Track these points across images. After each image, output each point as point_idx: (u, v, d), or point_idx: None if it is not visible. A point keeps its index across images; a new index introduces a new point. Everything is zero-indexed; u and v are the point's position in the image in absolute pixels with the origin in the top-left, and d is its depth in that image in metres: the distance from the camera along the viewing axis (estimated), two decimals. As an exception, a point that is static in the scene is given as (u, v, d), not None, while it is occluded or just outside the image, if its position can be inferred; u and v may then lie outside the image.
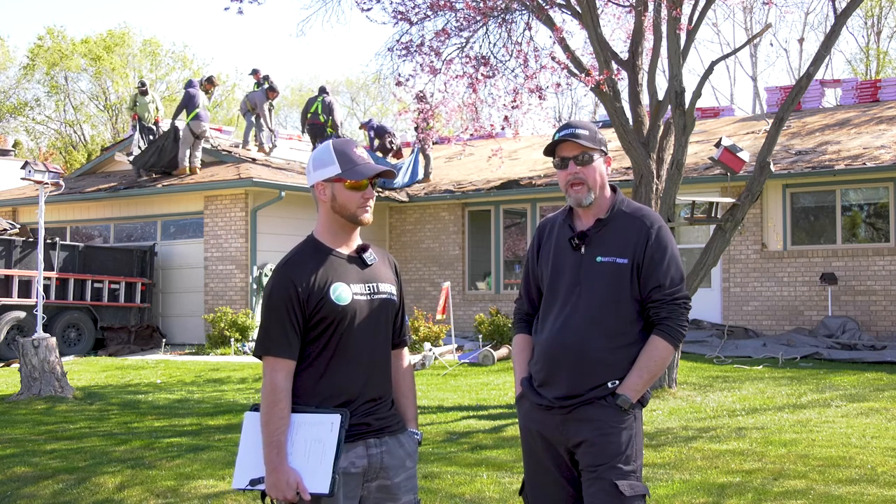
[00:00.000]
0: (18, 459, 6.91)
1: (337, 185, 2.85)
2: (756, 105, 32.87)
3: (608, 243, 3.14)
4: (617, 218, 3.17)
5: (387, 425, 2.88)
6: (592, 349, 3.07)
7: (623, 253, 3.11)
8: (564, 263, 3.20)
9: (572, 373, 3.09)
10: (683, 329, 3.11)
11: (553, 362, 3.14)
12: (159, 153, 17.48)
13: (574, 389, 3.08)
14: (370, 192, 2.88)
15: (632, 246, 3.11)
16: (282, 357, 2.75)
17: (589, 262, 3.14)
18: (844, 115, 18.60)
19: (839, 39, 13.86)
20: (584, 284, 3.13)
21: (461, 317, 17.40)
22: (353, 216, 2.87)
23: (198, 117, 16.79)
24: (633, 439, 3.07)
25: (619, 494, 2.97)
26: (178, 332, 17.11)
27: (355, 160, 2.86)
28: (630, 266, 3.10)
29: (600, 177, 3.17)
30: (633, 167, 10.04)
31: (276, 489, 2.70)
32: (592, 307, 3.09)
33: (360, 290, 2.86)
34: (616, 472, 3.00)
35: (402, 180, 18.94)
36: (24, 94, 38.85)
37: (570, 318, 3.12)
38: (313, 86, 45.67)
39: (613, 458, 3.01)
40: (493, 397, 9.83)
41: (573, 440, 3.08)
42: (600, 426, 3.04)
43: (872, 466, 6.10)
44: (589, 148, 3.14)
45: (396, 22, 10.68)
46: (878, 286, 14.52)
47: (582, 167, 3.14)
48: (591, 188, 3.15)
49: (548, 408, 3.12)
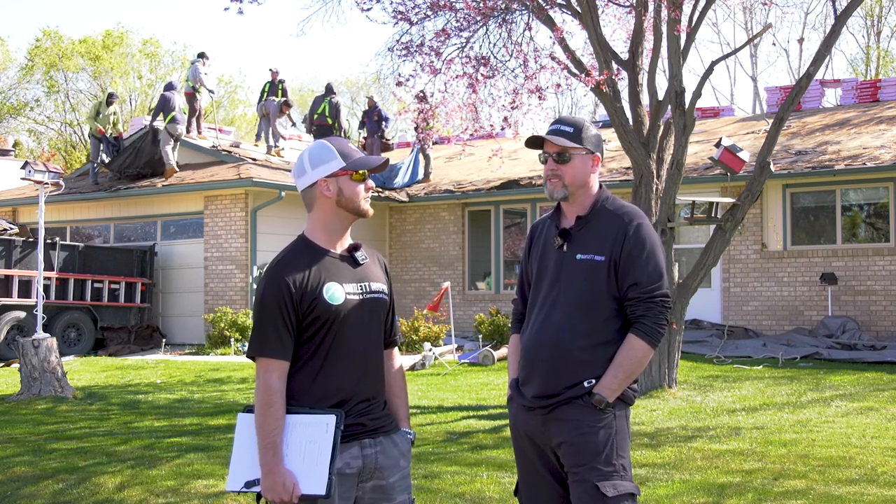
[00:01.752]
0: (19, 459, 6.91)
1: (342, 179, 2.86)
2: (756, 105, 32.88)
3: (588, 241, 3.14)
4: (598, 215, 3.17)
5: (381, 425, 2.88)
6: (568, 347, 3.07)
7: (601, 250, 3.10)
8: (549, 262, 3.21)
9: (548, 371, 3.10)
10: (661, 327, 3.07)
11: (532, 360, 3.16)
12: (136, 154, 17.61)
13: (549, 388, 3.09)
14: (370, 182, 2.92)
15: (609, 243, 3.10)
16: (275, 358, 2.74)
17: (569, 260, 3.15)
18: (844, 115, 18.60)
19: (839, 39, 13.87)
20: (563, 282, 3.13)
21: (461, 317, 17.39)
22: (358, 208, 2.88)
23: (174, 120, 16.96)
24: (614, 438, 3.04)
25: (601, 496, 2.96)
26: (178, 332, 17.11)
27: (354, 154, 2.89)
28: (607, 264, 3.08)
29: (581, 174, 3.17)
30: (633, 167, 10.04)
31: (272, 491, 2.68)
32: (570, 305, 3.10)
33: (352, 289, 2.85)
34: (596, 474, 2.99)
35: (402, 180, 18.94)
36: (25, 94, 38.90)
37: (549, 316, 3.13)
38: (313, 86, 45.70)
39: (592, 458, 3.01)
40: (493, 397, 9.83)
41: (554, 440, 3.09)
42: (578, 426, 3.03)
43: (872, 466, 6.10)
44: (569, 148, 3.14)
45: (396, 22, 10.68)
46: (878, 286, 14.52)
47: (561, 165, 3.16)
48: (566, 185, 3.15)
49: (531, 408, 3.14)
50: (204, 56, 19.09)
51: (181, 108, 17.51)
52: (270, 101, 19.00)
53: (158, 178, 17.31)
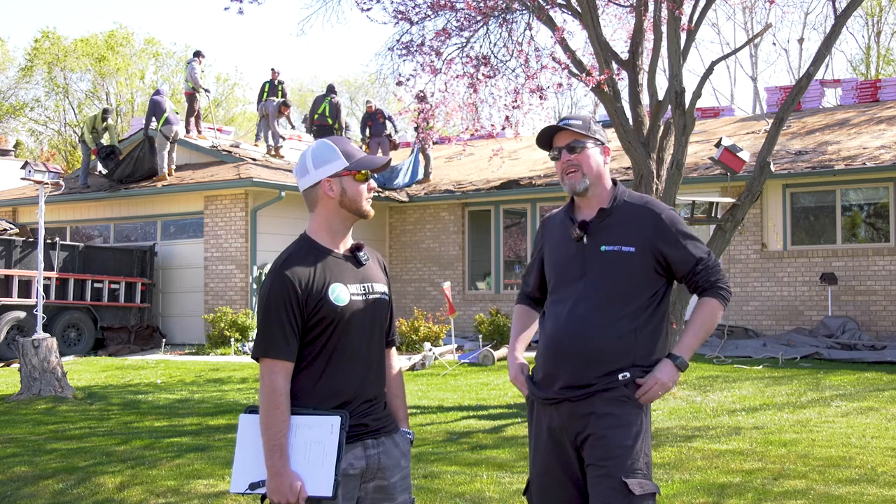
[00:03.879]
0: (19, 459, 6.91)
1: (346, 179, 2.85)
2: (756, 105, 32.86)
3: (612, 233, 3.14)
4: (621, 208, 3.18)
5: (383, 426, 2.88)
6: (598, 338, 3.05)
7: (629, 241, 3.11)
8: (567, 256, 3.20)
9: (577, 363, 3.06)
10: (729, 290, 3.26)
11: (560, 352, 3.11)
12: (135, 163, 17.58)
13: (580, 379, 3.05)
14: (372, 183, 2.91)
15: (639, 234, 3.12)
16: (280, 359, 2.72)
17: (593, 253, 3.14)
18: (844, 115, 18.60)
19: (839, 39, 13.86)
20: (588, 274, 3.13)
21: (461, 317, 17.38)
22: (360, 209, 2.87)
23: (168, 121, 16.98)
24: (643, 436, 3.03)
25: (628, 493, 2.91)
26: (178, 332, 17.11)
27: (357, 153, 2.88)
28: (640, 254, 3.11)
29: (596, 164, 3.18)
30: (633, 167, 10.04)
31: (278, 493, 2.66)
32: (598, 296, 3.09)
33: (356, 290, 2.84)
34: (625, 470, 2.94)
35: (402, 180, 18.95)
36: (25, 94, 38.90)
37: (575, 308, 3.11)
38: (313, 86, 45.69)
39: (622, 453, 2.96)
40: (493, 397, 9.83)
41: (581, 434, 3.04)
42: (610, 420, 3.00)
43: (872, 466, 6.11)
44: (581, 135, 3.15)
45: (397, 22, 10.68)
46: (878, 286, 14.52)
47: (575, 155, 3.16)
48: (585, 174, 3.16)
49: (556, 402, 3.09)
50: (200, 55, 19.10)
51: (173, 109, 17.54)
52: (270, 101, 19.02)
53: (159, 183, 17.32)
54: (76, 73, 37.83)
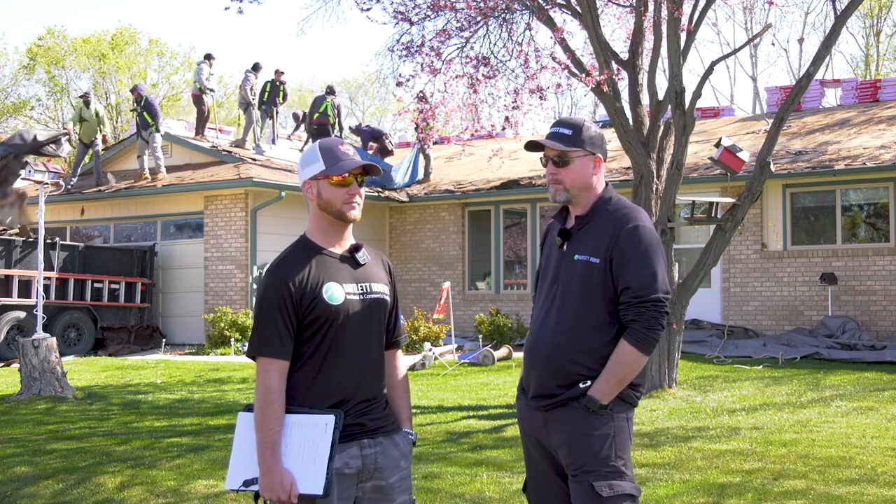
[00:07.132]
0: (19, 459, 6.91)
1: (322, 182, 2.86)
2: (756, 105, 32.86)
3: (586, 242, 3.13)
4: (597, 216, 3.15)
5: (381, 426, 2.88)
6: (562, 348, 3.08)
7: (596, 252, 3.08)
8: (550, 261, 3.24)
9: (543, 372, 3.11)
10: (652, 332, 3.01)
11: (530, 361, 3.19)
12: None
13: (544, 389, 3.10)
14: (356, 188, 2.88)
15: (604, 245, 3.07)
16: (275, 357, 2.74)
17: (568, 261, 3.15)
18: (844, 115, 18.60)
19: (839, 39, 13.87)
20: (561, 283, 3.14)
21: (461, 317, 17.39)
22: (339, 212, 2.87)
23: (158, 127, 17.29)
24: (612, 439, 3.04)
25: (596, 496, 2.97)
26: (178, 332, 17.12)
27: (339, 157, 2.87)
28: (602, 266, 3.06)
29: (581, 177, 3.15)
30: (633, 167, 10.04)
31: (270, 490, 2.69)
32: (567, 306, 3.10)
33: (352, 289, 2.85)
34: (593, 474, 3.00)
35: (402, 180, 18.96)
36: (25, 93, 38.88)
37: (547, 316, 3.15)
38: (313, 86, 45.66)
39: (590, 459, 3.01)
40: (493, 397, 9.83)
41: (554, 441, 3.11)
42: (575, 428, 3.04)
43: (872, 466, 6.11)
44: (567, 151, 3.13)
45: (397, 22, 10.68)
46: (878, 286, 14.52)
47: (561, 169, 3.16)
48: (567, 188, 3.16)
49: (533, 408, 3.17)
50: (210, 57, 19.09)
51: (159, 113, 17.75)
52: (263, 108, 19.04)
53: (159, 180, 17.32)
54: (72, 70, 37.77)
